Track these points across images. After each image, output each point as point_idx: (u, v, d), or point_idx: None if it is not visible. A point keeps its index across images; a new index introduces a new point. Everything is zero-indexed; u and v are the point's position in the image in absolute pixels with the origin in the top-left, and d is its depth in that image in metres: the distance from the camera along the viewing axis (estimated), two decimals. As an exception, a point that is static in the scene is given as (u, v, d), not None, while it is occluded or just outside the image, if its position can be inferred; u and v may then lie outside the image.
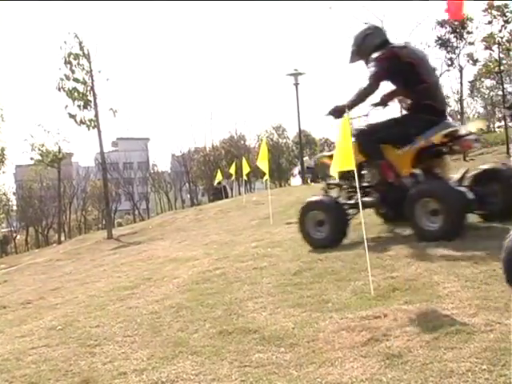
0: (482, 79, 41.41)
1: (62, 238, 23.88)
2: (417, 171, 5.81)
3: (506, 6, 24.05)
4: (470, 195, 5.63)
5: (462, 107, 31.83)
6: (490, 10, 24.12)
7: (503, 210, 5.68)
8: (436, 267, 4.68)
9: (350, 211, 6.20)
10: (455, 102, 43.51)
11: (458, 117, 41.94)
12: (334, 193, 6.62)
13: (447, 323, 3.47)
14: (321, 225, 6.16)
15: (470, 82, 42.99)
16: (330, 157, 5.79)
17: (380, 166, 5.96)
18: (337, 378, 3.04)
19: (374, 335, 3.49)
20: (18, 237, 45.01)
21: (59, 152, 20.68)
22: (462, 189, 5.67)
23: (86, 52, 14.34)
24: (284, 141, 50.20)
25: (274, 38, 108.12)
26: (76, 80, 14.27)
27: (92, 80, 14.31)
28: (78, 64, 14.32)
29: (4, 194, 38.74)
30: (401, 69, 5.86)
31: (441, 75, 35.99)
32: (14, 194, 44.32)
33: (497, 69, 26.81)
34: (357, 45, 6.15)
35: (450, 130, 5.66)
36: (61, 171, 22.03)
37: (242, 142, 42.41)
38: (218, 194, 23.84)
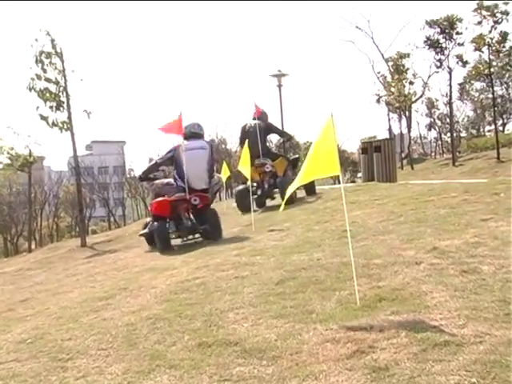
0: (472, 81, 41.95)
1: (33, 246, 23.66)
2: None
3: (495, 6, 24.35)
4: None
5: (451, 110, 32.13)
6: (479, 11, 24.40)
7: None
8: (424, 276, 4.72)
9: None
10: (444, 104, 44.05)
11: (447, 120, 42.36)
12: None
13: (435, 335, 3.50)
14: None
15: (459, 84, 43.53)
16: None
17: None
18: (321, 392, 3.04)
19: (360, 347, 3.50)
20: (-14, 245, 44.48)
21: (30, 155, 20.46)
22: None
23: (58, 50, 14.21)
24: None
25: (257, 37, 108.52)
26: (48, 80, 14.14)
27: (65, 80, 14.19)
28: (50, 63, 14.19)
29: (-29, 199, 38.21)
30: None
31: (429, 77, 36.46)
32: (-19, 199, 43.80)
33: (487, 71, 27.13)
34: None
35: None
36: (31, 176, 21.82)
37: (223, 145, 42.36)
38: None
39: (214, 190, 9.97)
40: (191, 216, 9.26)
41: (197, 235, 9.46)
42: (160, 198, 9.35)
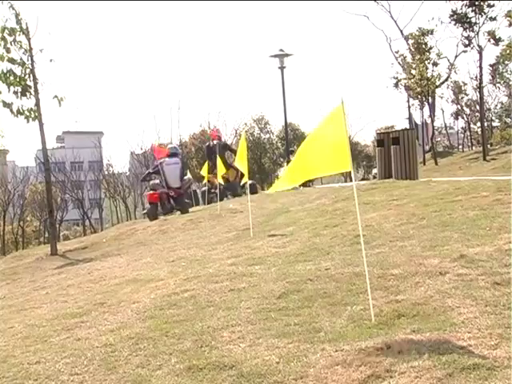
0: (506, 62, 41.89)
1: (-5, 255, 23.67)
2: None
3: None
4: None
5: (481, 96, 31.99)
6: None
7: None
8: (449, 289, 4.72)
9: None
10: (473, 89, 44.00)
11: (477, 107, 42.36)
12: None
13: (463, 357, 3.50)
14: None
15: (491, 65, 43.43)
16: None
17: None
18: (330, 424, 3.05)
19: (375, 371, 3.51)
20: None
21: (-9, 149, 20.50)
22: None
23: (24, 26, 14.20)
24: (267, 136, 50.36)
25: (256, 12, 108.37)
26: (12, 61, 14.10)
27: (32, 61, 14.16)
28: (15, 41, 14.15)
29: None
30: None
31: (456, 58, 36.46)
32: None
33: (523, 50, 27.08)
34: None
35: None
36: (-7, 172, 21.85)
37: (217, 137, 42.42)
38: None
39: (185, 186, 17.23)
40: (171, 201, 16.84)
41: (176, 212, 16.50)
42: (153, 191, 16.78)
